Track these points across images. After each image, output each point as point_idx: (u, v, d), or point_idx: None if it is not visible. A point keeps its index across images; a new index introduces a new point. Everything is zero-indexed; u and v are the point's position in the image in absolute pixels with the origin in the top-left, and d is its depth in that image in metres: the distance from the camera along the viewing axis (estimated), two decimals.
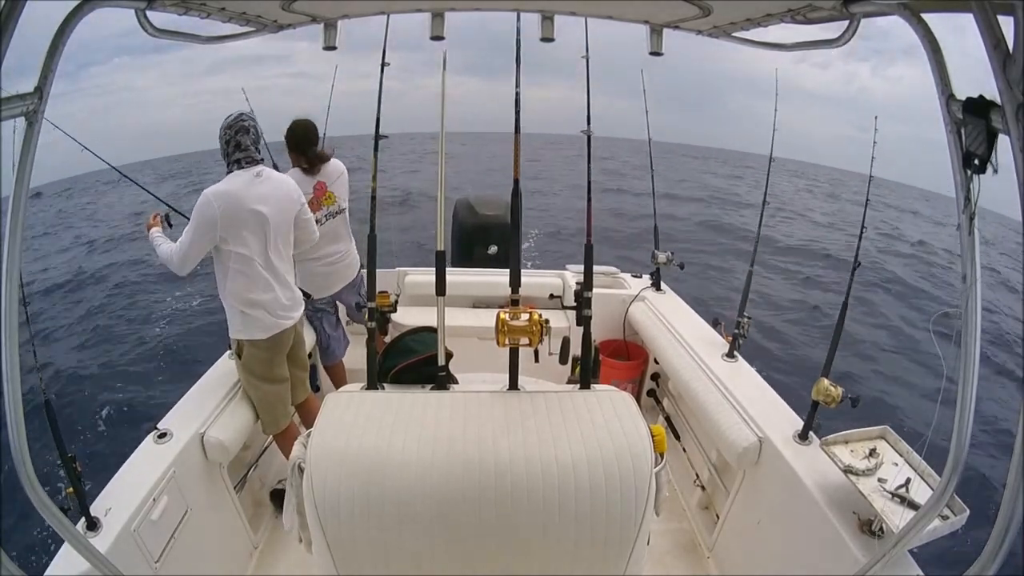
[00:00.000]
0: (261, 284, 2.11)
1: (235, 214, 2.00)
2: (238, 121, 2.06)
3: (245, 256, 2.05)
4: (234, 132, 2.05)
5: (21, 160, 0.99)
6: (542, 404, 1.22)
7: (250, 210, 2.03)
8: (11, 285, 0.98)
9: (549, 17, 1.58)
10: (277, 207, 2.12)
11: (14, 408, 0.98)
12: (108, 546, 1.46)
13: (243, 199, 2.02)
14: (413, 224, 8.10)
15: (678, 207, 14.76)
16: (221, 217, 1.97)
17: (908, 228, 17.49)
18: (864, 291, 8.08)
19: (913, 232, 16.43)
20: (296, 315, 2.28)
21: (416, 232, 7.49)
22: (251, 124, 2.08)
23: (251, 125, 2.08)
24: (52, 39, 1.00)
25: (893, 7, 1.00)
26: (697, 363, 2.47)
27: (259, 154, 2.12)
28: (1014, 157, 0.77)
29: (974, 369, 0.97)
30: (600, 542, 1.12)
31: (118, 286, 7.53)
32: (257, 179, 2.08)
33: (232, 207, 1.99)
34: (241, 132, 2.05)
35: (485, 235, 3.72)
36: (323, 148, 2.68)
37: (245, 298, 2.10)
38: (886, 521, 1.45)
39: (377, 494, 1.08)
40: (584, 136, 1.51)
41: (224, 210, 1.97)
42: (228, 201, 1.99)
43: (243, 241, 2.04)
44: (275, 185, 2.15)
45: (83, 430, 4.17)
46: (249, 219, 2.03)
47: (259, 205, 2.05)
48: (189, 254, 2.02)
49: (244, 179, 2.05)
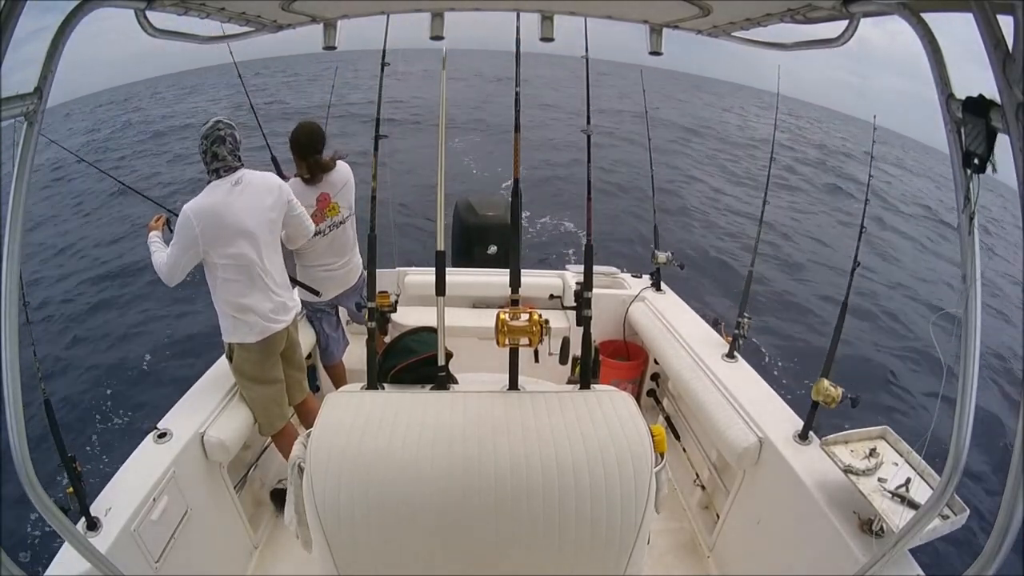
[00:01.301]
0: (249, 290, 2.12)
1: (215, 231, 2.00)
2: (213, 131, 2.03)
3: (231, 265, 2.07)
4: (210, 143, 2.02)
5: (21, 160, 0.99)
6: (542, 404, 1.22)
7: (231, 224, 2.02)
8: (11, 285, 0.98)
9: (549, 17, 1.58)
10: (259, 217, 2.11)
11: (14, 408, 0.98)
12: (108, 546, 1.46)
13: (222, 215, 2.01)
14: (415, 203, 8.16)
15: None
16: (201, 235, 1.98)
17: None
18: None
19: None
20: (288, 318, 2.28)
21: (415, 231, 7.50)
22: (227, 132, 2.04)
23: (227, 134, 2.04)
24: (52, 39, 1.00)
25: (893, 7, 1.00)
26: (697, 363, 2.47)
27: (237, 161, 2.09)
28: (1014, 157, 0.77)
29: (974, 369, 0.97)
30: (600, 542, 1.12)
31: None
32: (236, 188, 2.06)
33: (212, 223, 1.99)
34: (217, 143, 2.03)
35: (485, 235, 3.72)
36: (333, 154, 2.60)
37: (235, 303, 2.11)
38: (886, 521, 1.46)
39: (377, 494, 1.08)
40: (584, 136, 1.52)
41: (203, 228, 1.98)
42: (207, 218, 1.99)
43: (227, 253, 2.05)
44: (254, 192, 2.11)
45: (83, 430, 4.17)
46: (230, 232, 2.03)
47: (240, 216, 2.04)
48: (175, 268, 2.04)
49: (223, 190, 2.04)
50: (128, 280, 7.20)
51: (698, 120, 24.60)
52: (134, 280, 7.15)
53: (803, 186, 14.20)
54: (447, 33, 1.57)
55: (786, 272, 8.21)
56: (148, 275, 7.38)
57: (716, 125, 24.14)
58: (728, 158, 16.31)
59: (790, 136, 23.30)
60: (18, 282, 1.00)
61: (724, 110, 33.31)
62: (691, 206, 10.78)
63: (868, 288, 7.71)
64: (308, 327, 2.79)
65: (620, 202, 9.40)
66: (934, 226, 12.76)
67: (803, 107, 59.83)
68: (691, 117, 25.31)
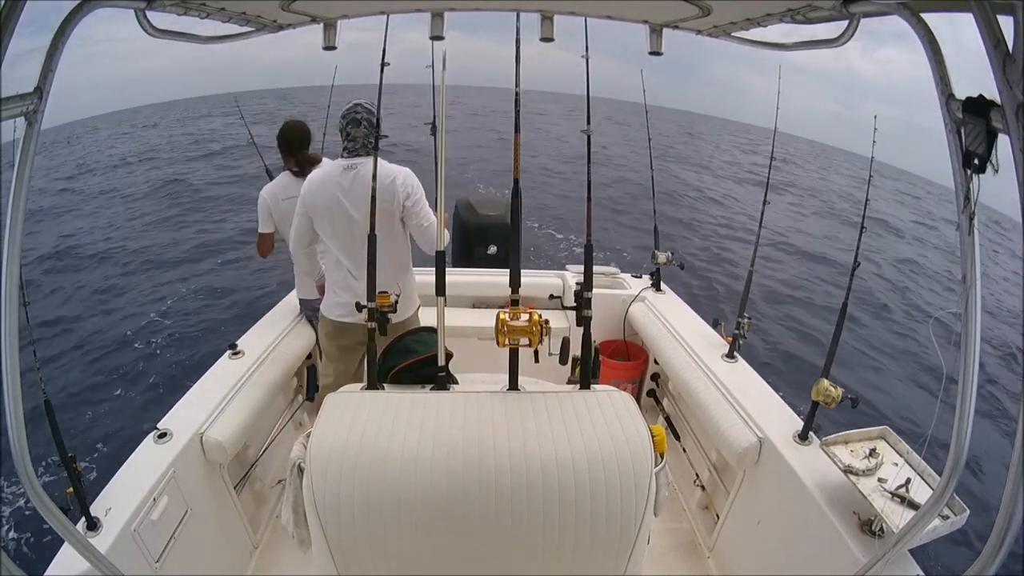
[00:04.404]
0: (335, 269, 2.29)
1: (313, 200, 2.18)
2: (351, 112, 2.15)
3: (326, 242, 2.27)
4: (346, 123, 2.16)
5: (21, 160, 0.98)
6: (542, 404, 1.22)
7: (328, 197, 2.16)
8: (11, 285, 0.98)
9: (549, 17, 1.57)
10: (359, 200, 2.14)
11: (14, 408, 0.98)
12: (108, 546, 1.46)
13: (322, 186, 2.17)
14: None
15: None
16: (303, 197, 2.19)
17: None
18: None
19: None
20: (352, 316, 2.32)
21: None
22: (363, 117, 2.15)
23: (363, 118, 2.15)
24: (52, 39, 1.00)
25: (893, 7, 1.00)
26: (697, 363, 2.47)
27: (365, 148, 2.17)
28: (1014, 157, 0.77)
29: (974, 369, 0.97)
30: (600, 542, 1.12)
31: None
32: (347, 171, 2.16)
33: (311, 192, 2.18)
34: (352, 124, 2.14)
35: (485, 235, 3.72)
36: (317, 151, 2.67)
37: (324, 276, 2.41)
38: (886, 521, 1.45)
39: (377, 494, 1.08)
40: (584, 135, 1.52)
41: (306, 193, 2.19)
42: (310, 187, 2.19)
43: (322, 226, 2.22)
44: (360, 178, 2.15)
45: (83, 430, 4.17)
46: (327, 206, 2.17)
47: (338, 194, 2.15)
48: (296, 231, 2.29)
49: (334, 167, 2.18)
50: (130, 280, 7.22)
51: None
52: (133, 279, 7.17)
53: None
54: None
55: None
56: (152, 273, 7.43)
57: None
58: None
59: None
60: (18, 282, 1.00)
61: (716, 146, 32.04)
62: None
63: (864, 288, 7.73)
64: (308, 327, 2.79)
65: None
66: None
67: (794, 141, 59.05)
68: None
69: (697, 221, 11.91)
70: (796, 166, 26.60)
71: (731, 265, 8.72)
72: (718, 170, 21.18)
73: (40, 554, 2.95)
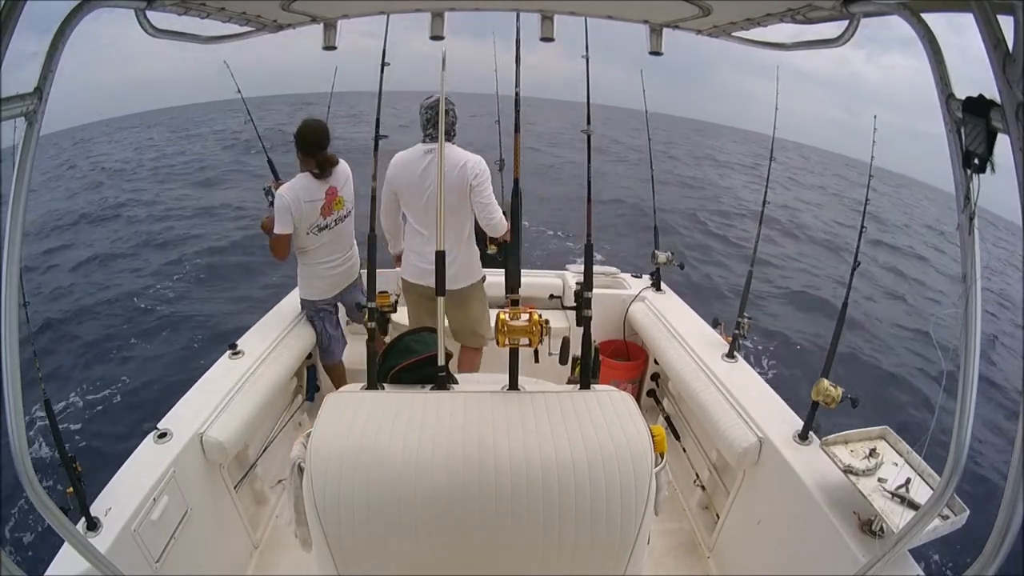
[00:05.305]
0: (412, 237, 2.63)
1: (393, 179, 2.54)
2: (435, 103, 2.42)
3: (406, 213, 2.62)
4: (433, 113, 2.46)
5: (21, 160, 0.98)
6: (542, 404, 1.22)
7: (409, 176, 2.51)
8: (11, 285, 0.98)
9: (549, 17, 1.57)
10: (434, 180, 2.46)
11: (14, 408, 0.98)
12: (108, 546, 1.46)
13: (404, 167, 2.52)
14: None
15: None
16: (388, 176, 2.53)
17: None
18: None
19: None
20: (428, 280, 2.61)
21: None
22: (450, 108, 2.46)
23: (450, 109, 2.46)
24: (52, 39, 1.00)
25: (893, 7, 1.00)
26: (697, 363, 2.47)
27: (447, 135, 2.48)
28: (1014, 157, 0.77)
29: (974, 369, 0.97)
30: (600, 542, 1.12)
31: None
32: (427, 155, 2.49)
33: (394, 172, 2.54)
34: (437, 114, 2.37)
35: (485, 235, 3.71)
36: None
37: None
38: (886, 521, 1.46)
39: (377, 494, 1.08)
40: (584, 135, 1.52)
41: (390, 171, 2.53)
42: (393, 168, 2.54)
43: (404, 200, 2.59)
44: (436, 162, 2.42)
45: (83, 430, 4.17)
46: (408, 184, 2.52)
47: (418, 173, 2.49)
48: (382, 209, 2.57)
49: (415, 151, 2.52)
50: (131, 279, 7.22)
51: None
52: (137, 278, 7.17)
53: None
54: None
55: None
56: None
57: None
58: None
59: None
60: (18, 282, 1.00)
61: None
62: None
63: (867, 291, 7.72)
64: (308, 327, 2.79)
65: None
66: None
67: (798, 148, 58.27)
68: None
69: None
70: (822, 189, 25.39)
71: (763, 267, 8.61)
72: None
73: (40, 554, 2.95)
